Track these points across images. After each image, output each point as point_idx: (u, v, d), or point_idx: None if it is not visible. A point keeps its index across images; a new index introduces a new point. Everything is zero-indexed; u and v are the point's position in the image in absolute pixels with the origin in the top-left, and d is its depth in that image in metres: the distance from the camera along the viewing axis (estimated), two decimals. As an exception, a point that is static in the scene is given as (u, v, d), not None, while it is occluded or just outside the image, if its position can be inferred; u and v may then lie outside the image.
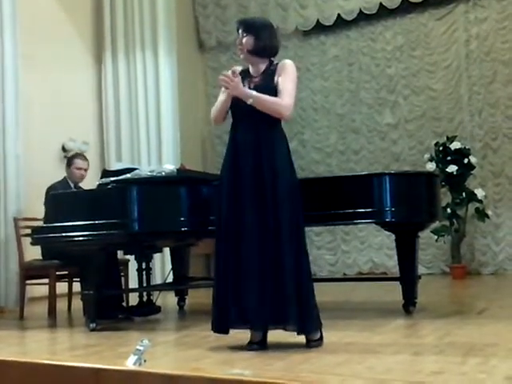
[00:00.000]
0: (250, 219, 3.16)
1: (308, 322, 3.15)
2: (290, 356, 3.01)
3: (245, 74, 3.36)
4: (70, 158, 5.47)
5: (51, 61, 6.81)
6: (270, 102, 3.19)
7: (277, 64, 3.34)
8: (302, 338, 3.23)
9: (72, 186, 5.30)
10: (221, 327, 3.25)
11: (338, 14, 8.07)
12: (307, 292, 3.17)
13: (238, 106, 3.27)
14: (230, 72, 3.19)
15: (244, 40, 3.30)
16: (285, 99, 3.21)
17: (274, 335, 3.28)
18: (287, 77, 3.26)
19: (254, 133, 3.24)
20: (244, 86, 3.25)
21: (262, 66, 3.34)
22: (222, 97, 3.33)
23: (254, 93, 3.18)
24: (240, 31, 3.34)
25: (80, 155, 5.57)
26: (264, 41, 3.31)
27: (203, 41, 9.02)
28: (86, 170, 5.38)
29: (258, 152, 3.21)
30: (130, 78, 7.46)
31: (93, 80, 7.53)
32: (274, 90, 3.23)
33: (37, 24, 6.61)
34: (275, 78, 3.27)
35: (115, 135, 7.41)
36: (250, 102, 3.17)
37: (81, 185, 5.36)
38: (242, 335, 3.31)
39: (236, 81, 3.16)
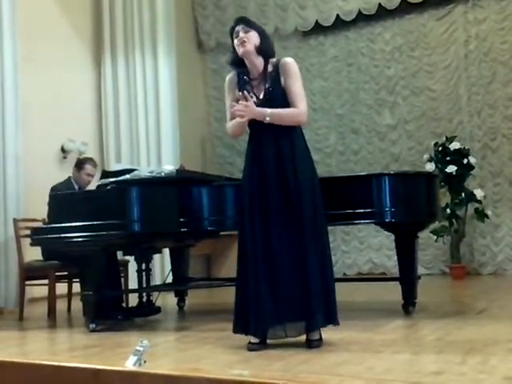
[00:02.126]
0: (276, 220, 3.17)
1: (332, 314, 3.18)
2: (290, 356, 3.01)
3: (244, 81, 3.33)
4: (81, 162, 5.35)
5: (51, 62, 6.81)
6: (287, 115, 3.22)
7: (276, 62, 3.31)
8: (301, 338, 3.23)
9: (76, 187, 5.26)
10: (259, 329, 3.20)
11: (337, 15, 8.07)
12: (332, 286, 3.21)
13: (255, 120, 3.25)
14: (240, 95, 3.17)
15: (248, 34, 3.25)
16: (299, 106, 3.22)
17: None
18: (294, 79, 3.25)
19: (274, 138, 3.24)
20: (248, 91, 3.24)
21: (260, 66, 3.31)
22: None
23: (269, 111, 3.17)
24: (241, 27, 3.28)
25: (91, 160, 5.41)
26: (267, 41, 3.32)
27: (202, 42, 9.03)
28: (93, 176, 5.31)
29: (279, 158, 3.22)
30: (130, 78, 7.45)
31: (92, 81, 7.53)
32: (283, 94, 3.24)
33: (36, 25, 6.61)
34: (281, 81, 3.26)
35: (114, 136, 7.40)
36: (267, 120, 3.18)
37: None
38: (242, 335, 3.32)
39: (250, 105, 3.15)
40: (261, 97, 3.28)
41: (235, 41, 3.30)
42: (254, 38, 3.26)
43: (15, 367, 2.86)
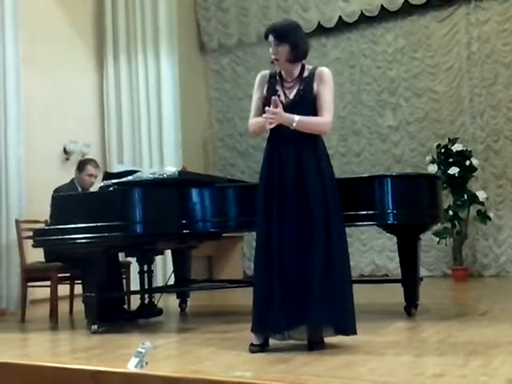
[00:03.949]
0: (292, 229, 3.17)
1: (353, 322, 3.20)
2: (292, 358, 3.01)
3: (275, 79, 3.35)
4: (82, 164, 5.34)
5: (53, 63, 6.82)
6: (312, 124, 3.24)
7: (313, 70, 3.33)
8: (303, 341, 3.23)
9: (79, 190, 5.25)
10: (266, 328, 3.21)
11: (340, 17, 8.08)
12: (351, 291, 3.25)
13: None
14: (272, 100, 3.16)
15: (279, 49, 3.27)
16: (325, 116, 3.25)
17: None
18: (327, 89, 3.28)
19: (296, 144, 3.25)
20: (277, 91, 3.28)
21: (296, 71, 3.34)
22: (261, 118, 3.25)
23: (297, 118, 3.18)
24: (272, 39, 3.29)
25: (92, 161, 5.40)
26: (299, 47, 3.30)
27: (205, 43, 9.03)
28: (96, 176, 5.28)
29: (300, 165, 3.23)
30: (132, 79, 7.46)
31: (94, 82, 7.54)
32: (313, 100, 3.26)
33: (38, 26, 6.62)
34: (314, 87, 3.28)
35: (117, 137, 7.41)
36: (293, 126, 3.18)
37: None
38: (244, 336, 3.32)
39: (279, 112, 3.15)
40: (291, 97, 3.29)
41: (269, 50, 3.32)
42: (283, 54, 3.27)
43: (17, 369, 2.86)
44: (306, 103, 3.26)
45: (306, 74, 3.33)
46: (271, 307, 3.14)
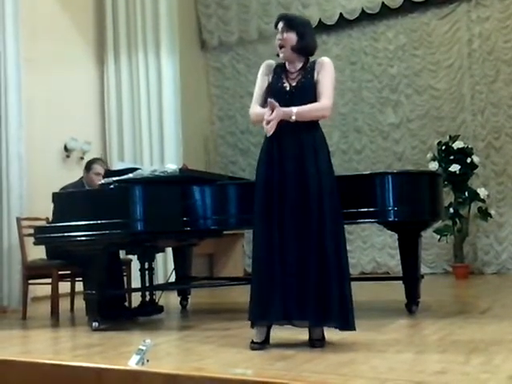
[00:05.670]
0: (292, 220, 3.18)
1: (350, 318, 3.17)
2: (293, 356, 3.01)
3: (281, 69, 3.39)
4: (90, 163, 5.30)
5: (53, 61, 6.81)
6: (311, 111, 3.26)
7: (314, 61, 3.38)
8: (304, 337, 3.23)
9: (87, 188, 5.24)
10: (262, 318, 3.21)
11: (340, 14, 8.07)
12: (348, 287, 3.21)
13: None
14: (268, 102, 3.18)
15: (286, 36, 3.31)
16: (323, 101, 3.27)
17: (277, 334, 3.28)
18: (326, 75, 3.31)
19: (296, 139, 3.26)
20: (282, 79, 3.33)
21: (299, 64, 3.38)
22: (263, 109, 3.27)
23: (295, 110, 3.20)
24: (281, 26, 3.34)
25: (100, 160, 5.39)
26: (306, 39, 3.35)
27: (205, 40, 9.02)
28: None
29: (301, 156, 3.24)
30: (133, 77, 7.45)
31: (95, 80, 7.53)
32: (313, 88, 3.30)
33: (39, 25, 6.61)
34: (315, 75, 3.33)
35: (117, 135, 7.41)
36: (293, 119, 3.20)
37: None
38: (245, 334, 3.32)
39: (275, 116, 3.16)
40: (293, 84, 3.33)
41: (276, 37, 3.36)
42: (290, 41, 3.32)
43: (18, 366, 2.87)
44: (307, 91, 3.30)
45: (308, 64, 3.38)
46: (272, 297, 3.13)
